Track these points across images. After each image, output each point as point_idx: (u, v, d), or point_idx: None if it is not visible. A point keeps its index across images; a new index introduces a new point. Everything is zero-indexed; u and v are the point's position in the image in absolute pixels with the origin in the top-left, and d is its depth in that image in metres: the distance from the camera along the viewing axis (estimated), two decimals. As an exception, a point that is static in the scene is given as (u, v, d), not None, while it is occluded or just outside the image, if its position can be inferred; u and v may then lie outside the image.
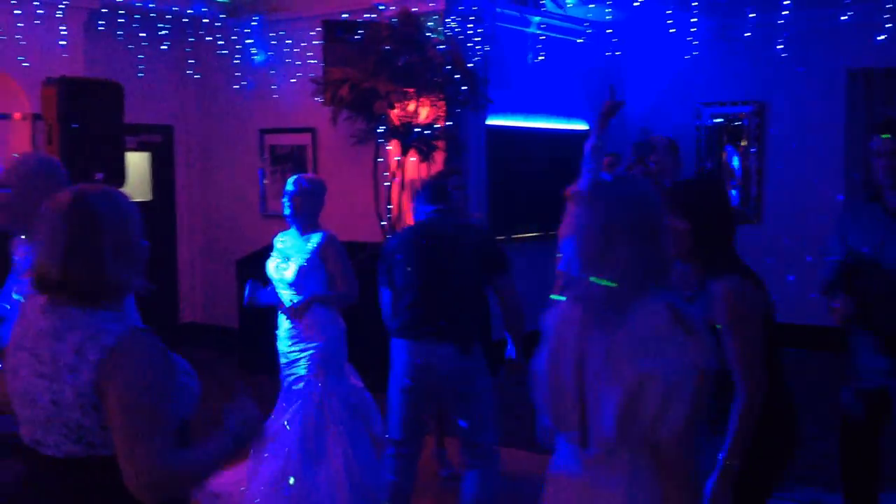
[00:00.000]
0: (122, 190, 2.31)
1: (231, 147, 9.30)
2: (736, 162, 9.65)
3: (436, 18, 7.74)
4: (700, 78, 9.62)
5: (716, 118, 9.70)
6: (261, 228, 8.63)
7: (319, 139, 8.61)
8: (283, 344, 4.92)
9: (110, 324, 2.08)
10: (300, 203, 4.81)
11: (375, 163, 7.70)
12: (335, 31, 7.87)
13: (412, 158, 7.59)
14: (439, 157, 7.73)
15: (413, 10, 7.51)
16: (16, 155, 3.51)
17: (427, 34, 7.49)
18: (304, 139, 8.68)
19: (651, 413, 2.07)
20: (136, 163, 8.93)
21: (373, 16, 7.80)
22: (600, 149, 4.42)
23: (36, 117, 7.12)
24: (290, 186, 4.84)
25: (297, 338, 4.86)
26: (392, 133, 7.41)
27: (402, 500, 4.34)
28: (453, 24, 7.65)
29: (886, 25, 7.22)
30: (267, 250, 8.23)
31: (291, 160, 8.81)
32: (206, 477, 2.18)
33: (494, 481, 4.26)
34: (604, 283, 2.15)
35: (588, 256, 2.20)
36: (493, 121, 8.43)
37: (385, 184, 7.72)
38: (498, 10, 8.29)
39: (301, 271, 4.79)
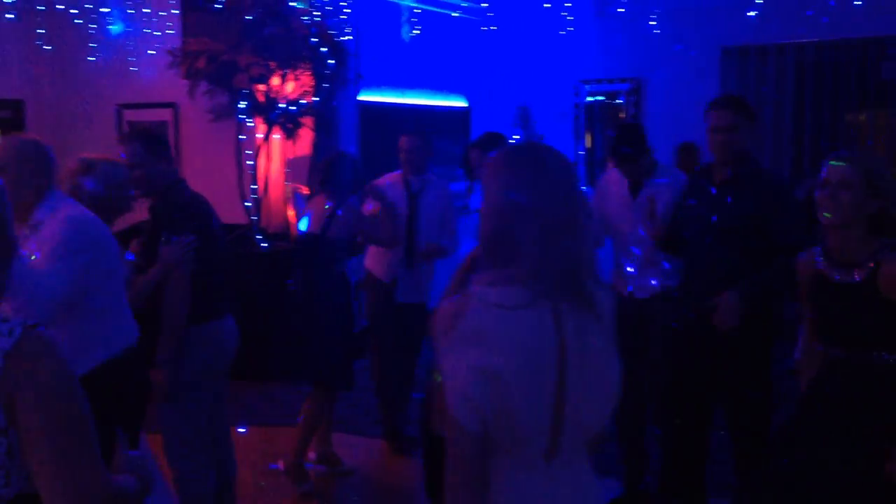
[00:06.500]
0: None
1: (87, 124, 8.71)
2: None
3: (302, -13, 7.36)
4: (578, 55, 9.49)
5: (594, 96, 9.60)
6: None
7: (181, 115, 8.13)
8: None
9: None
10: None
11: (237, 141, 7.29)
12: (194, 0, 7.42)
13: (276, 136, 7.22)
14: (306, 135, 7.37)
15: (277, -23, 7.11)
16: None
17: (291, 4, 7.10)
18: (165, 115, 8.18)
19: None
20: (-18, 140, 8.27)
21: (235, -17, 7.36)
22: None
23: None
24: None
25: None
26: (255, 109, 7.02)
27: None
28: (320, -6, 7.29)
29: (758, 1, 7.19)
30: (128, 233, 7.81)
31: (153, 138, 8.30)
32: None
33: None
34: None
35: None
36: (365, 97, 8.11)
37: (248, 163, 7.32)
38: (369, -20, 7.98)
39: None
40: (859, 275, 2.92)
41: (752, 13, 7.24)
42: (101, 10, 8.24)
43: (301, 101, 7.12)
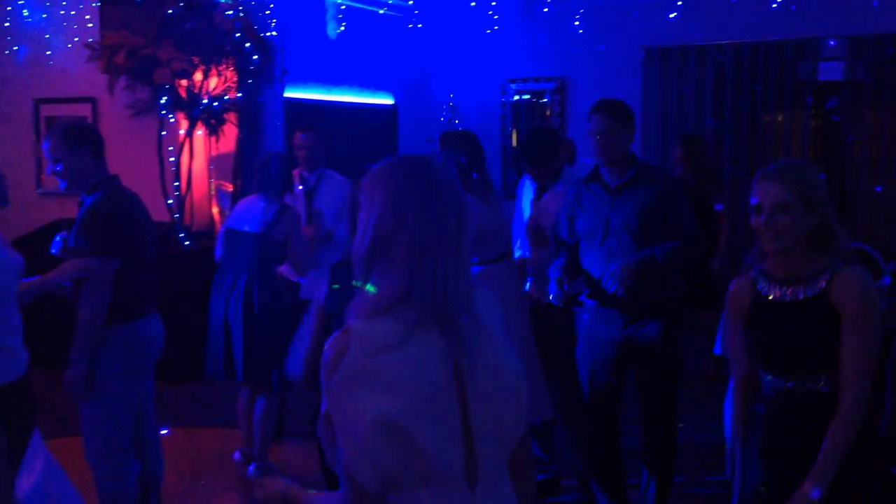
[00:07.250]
0: None
1: (1, 118, 8.45)
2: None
3: (225, -19, 7.25)
4: (505, 54, 9.55)
5: (521, 94, 9.67)
6: (36, 208, 7.90)
7: (100, 110, 7.94)
8: None
9: None
10: None
11: (160, 137, 7.14)
12: (113, -8, 7.26)
13: (199, 132, 7.10)
14: (231, 132, 7.27)
15: (199, -29, 6.99)
16: None
17: (214, -2, 7.01)
18: (84, 110, 7.99)
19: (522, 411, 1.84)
20: None
21: (155, -24, 7.22)
22: None
23: None
24: None
25: None
26: (177, 105, 6.89)
27: None
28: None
29: (678, 3, 7.33)
30: (45, 231, 7.61)
31: (71, 133, 8.09)
32: None
33: None
34: None
35: None
36: (291, 93, 8.03)
37: (171, 160, 7.18)
38: (294, -25, 7.90)
39: None
40: (810, 290, 2.65)
41: (673, 15, 7.38)
42: (17, 1, 8.01)
43: (225, 97, 7.02)
